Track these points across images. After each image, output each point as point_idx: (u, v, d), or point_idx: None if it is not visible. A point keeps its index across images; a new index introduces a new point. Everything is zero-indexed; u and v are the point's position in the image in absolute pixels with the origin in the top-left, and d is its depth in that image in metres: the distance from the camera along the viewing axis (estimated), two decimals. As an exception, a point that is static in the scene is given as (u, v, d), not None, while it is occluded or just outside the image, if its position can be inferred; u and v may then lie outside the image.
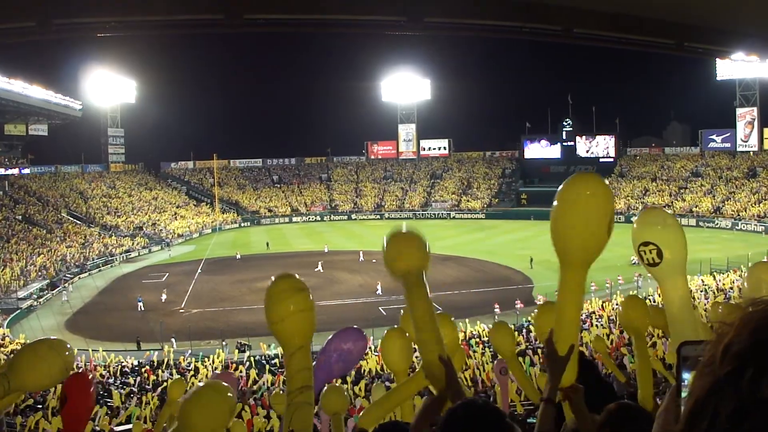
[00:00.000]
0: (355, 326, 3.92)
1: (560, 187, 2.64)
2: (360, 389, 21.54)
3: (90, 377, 3.67)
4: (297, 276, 3.08)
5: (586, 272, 2.75)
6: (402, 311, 4.36)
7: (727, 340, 0.99)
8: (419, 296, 3.10)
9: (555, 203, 2.64)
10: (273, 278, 3.07)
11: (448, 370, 2.96)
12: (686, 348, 1.41)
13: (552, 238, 2.68)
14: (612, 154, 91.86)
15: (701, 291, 33.26)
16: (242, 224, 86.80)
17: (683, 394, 1.40)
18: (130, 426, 15.95)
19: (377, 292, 43.01)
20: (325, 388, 5.47)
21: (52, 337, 3.29)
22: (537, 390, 3.60)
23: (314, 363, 3.60)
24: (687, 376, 1.42)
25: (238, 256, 59.46)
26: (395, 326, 4.32)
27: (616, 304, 34.46)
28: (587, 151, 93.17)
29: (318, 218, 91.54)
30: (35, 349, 3.16)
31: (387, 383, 21.39)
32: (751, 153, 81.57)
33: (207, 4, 7.00)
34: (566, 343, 2.75)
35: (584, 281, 2.77)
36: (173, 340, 33.89)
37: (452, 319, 4.67)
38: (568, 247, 2.67)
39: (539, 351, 24.46)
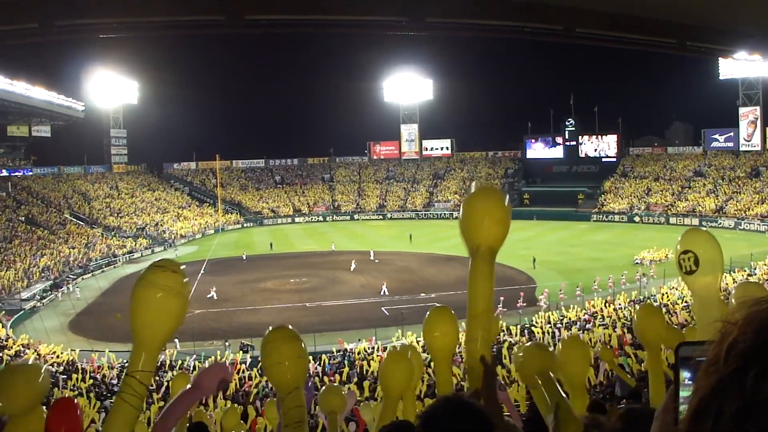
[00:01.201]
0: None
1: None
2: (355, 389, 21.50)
3: (75, 403, 3.57)
4: (291, 327, 3.24)
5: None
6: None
7: (731, 339, 0.99)
8: (483, 274, 3.02)
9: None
10: (270, 329, 3.24)
11: (488, 372, 2.95)
12: (684, 348, 1.41)
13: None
14: (614, 153, 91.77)
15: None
16: (245, 225, 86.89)
17: (683, 394, 1.41)
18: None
19: (382, 293, 42.94)
20: (324, 388, 5.50)
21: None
22: (547, 401, 3.65)
23: None
24: (687, 375, 1.42)
25: (245, 257, 59.43)
26: (396, 348, 4.35)
27: (620, 304, 34.45)
28: (595, 150, 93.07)
29: (320, 219, 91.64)
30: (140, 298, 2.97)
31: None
32: (754, 152, 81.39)
33: (208, 5, 7.01)
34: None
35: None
36: (176, 340, 33.86)
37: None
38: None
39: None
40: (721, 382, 0.97)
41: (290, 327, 3.24)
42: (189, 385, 3.87)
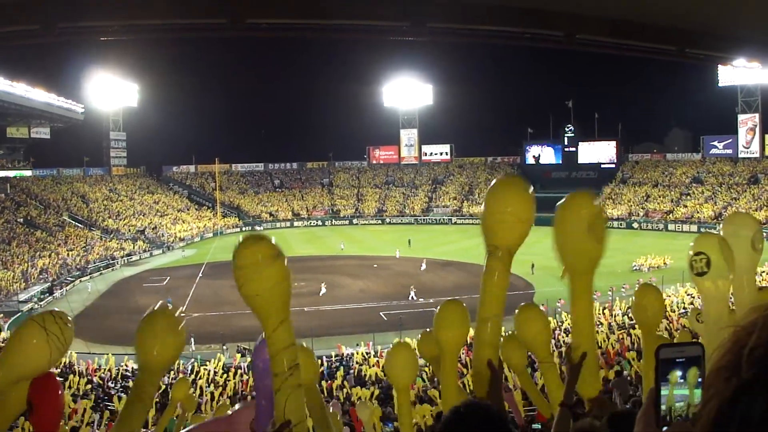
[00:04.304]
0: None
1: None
2: (357, 393, 21.45)
3: (56, 378, 3.50)
4: (268, 238, 2.82)
5: (589, 279, 2.99)
6: (420, 335, 4.42)
7: (751, 344, 1.00)
8: (499, 276, 2.97)
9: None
10: (242, 242, 2.76)
11: (494, 376, 2.88)
12: (665, 350, 1.42)
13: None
14: (614, 160, 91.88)
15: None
16: (244, 229, 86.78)
17: (679, 392, 1.42)
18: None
19: (410, 297, 42.64)
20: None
21: (44, 312, 3.07)
22: (547, 402, 3.66)
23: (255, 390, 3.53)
24: (679, 374, 1.44)
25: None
26: (401, 340, 4.28)
27: (619, 311, 34.43)
28: (590, 154, 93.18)
29: (319, 223, 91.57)
30: (21, 333, 2.91)
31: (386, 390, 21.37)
32: (753, 159, 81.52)
33: (209, 8, 7.02)
34: (578, 351, 2.87)
35: (589, 288, 2.99)
36: (192, 339, 33.23)
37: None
38: (564, 257, 3.01)
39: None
40: (743, 386, 0.98)
41: (268, 239, 2.82)
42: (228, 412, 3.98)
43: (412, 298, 42.61)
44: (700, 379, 1.44)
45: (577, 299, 3.05)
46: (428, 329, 4.26)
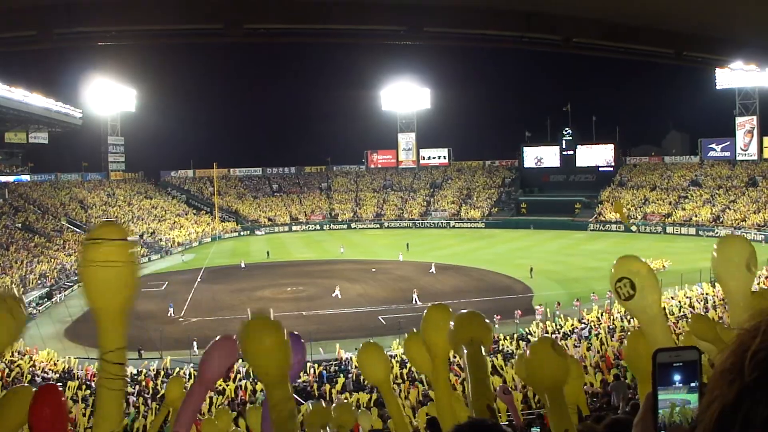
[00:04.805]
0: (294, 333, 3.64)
1: None
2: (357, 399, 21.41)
3: (60, 389, 3.35)
4: (271, 315, 3.07)
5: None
6: (406, 334, 4.64)
7: (755, 347, 1.00)
8: (480, 364, 3.32)
9: None
10: (249, 316, 3.02)
11: (493, 418, 3.12)
12: (662, 354, 1.42)
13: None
14: (611, 163, 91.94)
15: (701, 301, 33.21)
16: (242, 233, 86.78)
17: (667, 396, 1.42)
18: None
19: (414, 301, 42.49)
20: (335, 404, 5.65)
21: None
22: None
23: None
24: (678, 378, 1.44)
25: (243, 265, 59.38)
26: (370, 340, 4.49)
27: (618, 314, 34.39)
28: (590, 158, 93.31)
29: (318, 227, 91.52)
30: None
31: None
32: (751, 162, 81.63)
33: (207, 13, 7.02)
34: None
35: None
36: (195, 343, 33.54)
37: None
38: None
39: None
40: (746, 389, 0.98)
41: (270, 316, 3.01)
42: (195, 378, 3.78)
43: (416, 301, 42.56)
44: (696, 383, 1.44)
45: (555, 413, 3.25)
46: (414, 329, 4.37)
